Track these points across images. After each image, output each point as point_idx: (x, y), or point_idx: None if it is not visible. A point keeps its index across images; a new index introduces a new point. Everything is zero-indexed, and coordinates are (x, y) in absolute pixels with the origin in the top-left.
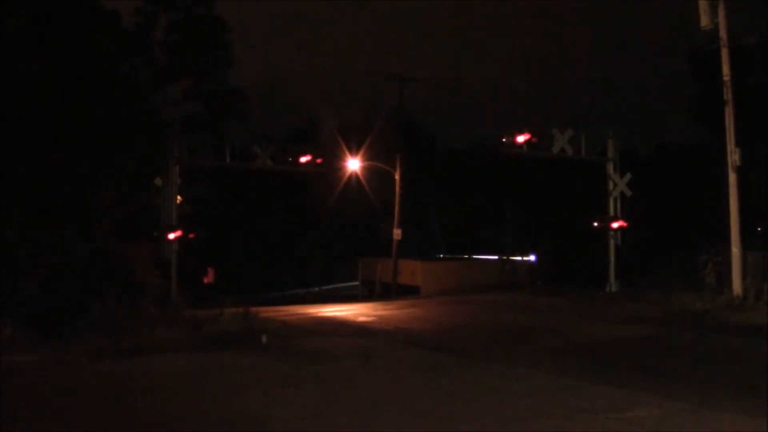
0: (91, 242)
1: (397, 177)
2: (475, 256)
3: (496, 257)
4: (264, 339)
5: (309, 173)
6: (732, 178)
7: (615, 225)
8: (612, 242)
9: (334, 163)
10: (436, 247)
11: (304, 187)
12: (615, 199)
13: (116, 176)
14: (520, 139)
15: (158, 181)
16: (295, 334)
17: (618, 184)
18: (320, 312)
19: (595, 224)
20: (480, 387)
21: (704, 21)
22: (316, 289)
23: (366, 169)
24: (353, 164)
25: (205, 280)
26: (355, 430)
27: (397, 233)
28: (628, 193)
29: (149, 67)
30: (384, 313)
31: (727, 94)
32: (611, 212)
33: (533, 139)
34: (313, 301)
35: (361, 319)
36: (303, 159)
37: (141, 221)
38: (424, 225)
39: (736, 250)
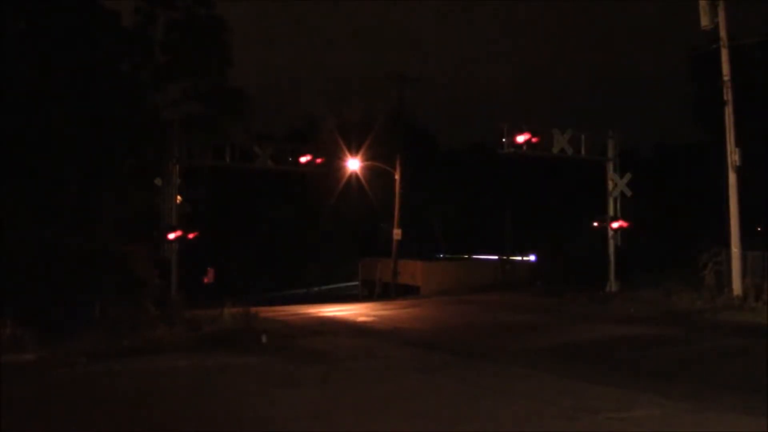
0: (91, 242)
1: (397, 177)
2: (475, 256)
3: (496, 257)
4: (264, 339)
5: (309, 173)
6: (732, 178)
7: (615, 225)
8: (612, 242)
9: (334, 163)
10: (436, 247)
11: (304, 187)
12: (615, 199)
13: (116, 176)
14: (520, 138)
15: (158, 181)
16: (295, 334)
17: (618, 184)
18: (320, 312)
19: (595, 224)
20: (480, 387)
21: (704, 21)
22: (316, 289)
23: (366, 169)
24: (353, 164)
25: (205, 280)
26: (355, 430)
27: (397, 233)
28: (628, 193)
29: (149, 67)
30: (384, 313)
31: (727, 94)
32: (611, 212)
33: (533, 139)
34: (313, 301)
35: (361, 319)
36: (303, 159)
37: (141, 221)
38: (424, 225)
39: (735, 250)
